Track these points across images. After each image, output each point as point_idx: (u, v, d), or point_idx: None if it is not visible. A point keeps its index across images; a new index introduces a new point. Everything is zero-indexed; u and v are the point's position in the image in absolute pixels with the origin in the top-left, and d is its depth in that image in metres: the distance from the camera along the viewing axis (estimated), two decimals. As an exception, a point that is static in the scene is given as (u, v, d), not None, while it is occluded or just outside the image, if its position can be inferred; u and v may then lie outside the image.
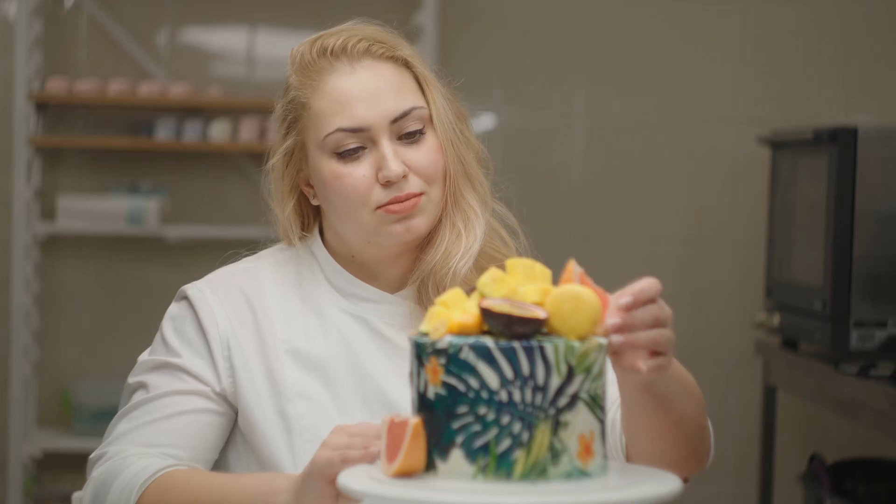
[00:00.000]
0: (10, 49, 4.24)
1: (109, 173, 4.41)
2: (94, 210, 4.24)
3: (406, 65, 1.81)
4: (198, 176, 4.42)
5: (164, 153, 4.40)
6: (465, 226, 1.80)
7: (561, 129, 4.49)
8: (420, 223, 1.78)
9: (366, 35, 1.80)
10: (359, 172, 1.76)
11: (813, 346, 3.69)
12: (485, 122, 4.45)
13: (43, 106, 4.30)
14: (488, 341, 1.36)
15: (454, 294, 1.43)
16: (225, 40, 4.47)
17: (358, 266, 1.84)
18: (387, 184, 1.76)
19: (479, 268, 1.80)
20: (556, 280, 1.44)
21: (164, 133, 4.29)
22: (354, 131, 1.76)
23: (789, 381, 3.87)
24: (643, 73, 4.47)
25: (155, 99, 4.24)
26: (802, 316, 3.68)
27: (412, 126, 1.78)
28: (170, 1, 4.41)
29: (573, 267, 1.43)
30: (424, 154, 1.78)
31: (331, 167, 1.77)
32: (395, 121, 1.77)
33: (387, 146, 1.76)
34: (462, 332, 1.39)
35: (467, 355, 1.35)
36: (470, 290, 1.45)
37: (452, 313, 1.40)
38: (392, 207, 1.76)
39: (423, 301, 1.81)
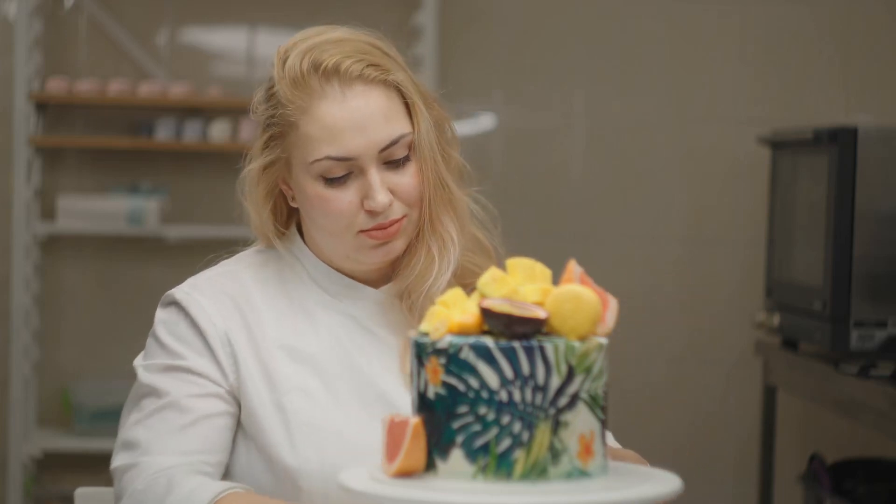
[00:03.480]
0: (10, 49, 4.24)
1: (109, 173, 4.41)
2: (94, 210, 4.24)
3: (396, 87, 1.79)
4: (198, 176, 4.42)
5: (164, 153, 4.40)
6: (440, 252, 1.80)
7: (561, 129, 4.49)
8: (399, 245, 1.80)
9: (360, 55, 1.78)
10: (345, 198, 1.76)
11: (813, 346, 3.69)
12: (485, 122, 4.45)
13: (43, 106, 4.30)
14: (488, 341, 1.36)
15: (454, 294, 1.43)
16: (225, 40, 4.47)
17: (337, 270, 1.85)
18: (372, 212, 1.76)
19: (462, 284, 1.81)
20: (556, 280, 1.44)
21: (164, 133, 4.29)
22: (343, 160, 1.75)
23: (789, 381, 3.87)
24: (643, 73, 4.47)
25: (155, 99, 4.24)
26: (802, 316, 3.68)
27: (399, 153, 1.77)
28: (170, 1, 4.41)
29: (573, 267, 1.43)
30: (408, 179, 1.78)
31: (316, 189, 1.77)
32: (384, 150, 1.76)
33: (374, 176, 1.76)
34: (462, 332, 1.39)
35: (467, 355, 1.35)
36: (470, 290, 1.45)
37: (452, 313, 1.40)
38: (375, 234, 1.77)
39: (405, 301, 1.82)
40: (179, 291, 1.82)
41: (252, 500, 1.65)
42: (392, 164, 1.78)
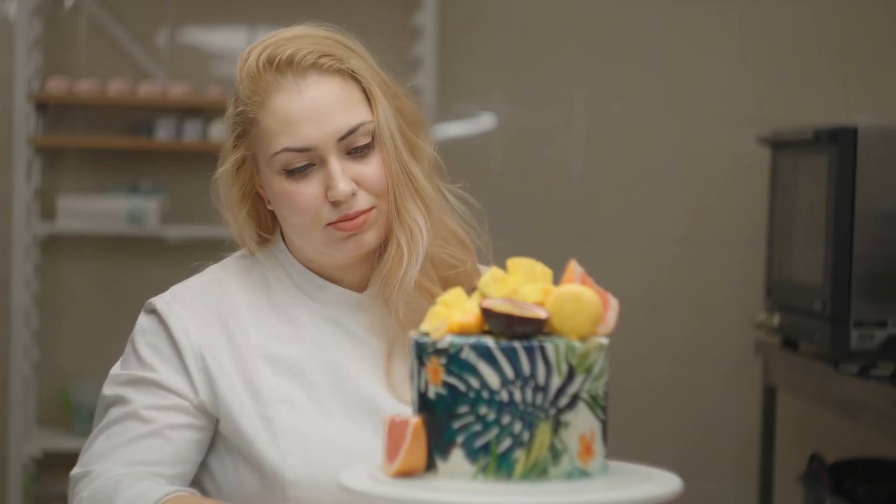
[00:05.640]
0: (10, 49, 4.24)
1: (109, 173, 4.41)
2: (94, 210, 4.24)
3: (353, 76, 1.78)
4: (198, 176, 4.40)
5: (164, 153, 4.40)
6: (409, 243, 1.78)
7: (561, 129, 4.49)
8: (370, 237, 1.78)
9: (314, 46, 1.77)
10: (308, 191, 1.75)
11: (813, 346, 3.69)
12: (485, 122, 4.45)
13: (43, 106, 4.30)
14: (489, 341, 1.36)
15: (455, 294, 1.43)
16: (225, 40, 4.47)
17: (318, 269, 1.83)
18: (336, 203, 1.75)
19: (441, 277, 1.81)
20: (556, 280, 1.44)
21: (164, 133, 4.29)
22: (301, 151, 1.74)
23: (789, 381, 3.87)
24: (643, 73, 4.47)
25: (155, 99, 4.24)
26: (802, 316, 3.68)
27: (360, 141, 1.76)
28: (170, 1, 4.41)
29: (574, 267, 1.43)
30: (373, 168, 1.76)
31: (281, 184, 1.76)
32: (342, 138, 1.75)
33: (335, 165, 1.74)
34: (463, 332, 1.39)
35: (468, 355, 1.35)
36: (471, 289, 1.45)
37: (453, 313, 1.40)
38: (342, 225, 1.75)
39: (381, 294, 1.81)
40: (161, 301, 1.82)
41: (196, 503, 1.66)
42: (355, 154, 1.76)
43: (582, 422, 1.37)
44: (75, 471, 1.75)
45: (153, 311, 1.81)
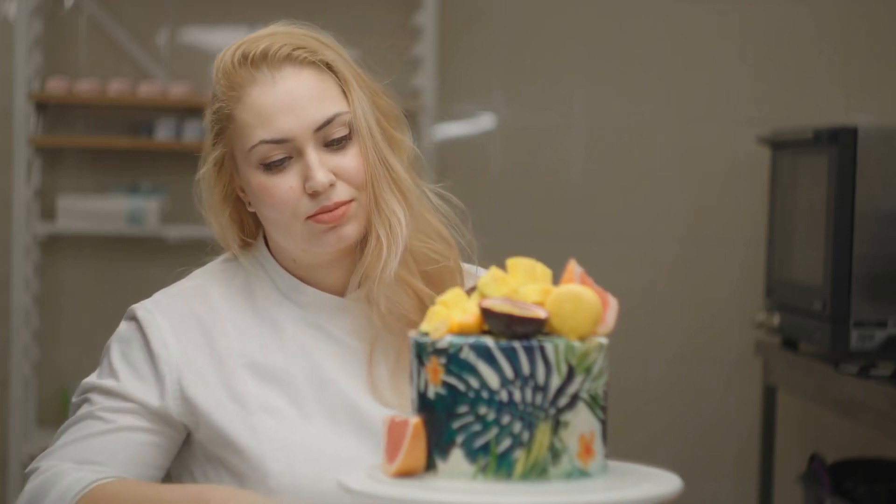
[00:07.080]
0: (10, 49, 4.24)
1: (109, 173, 4.41)
2: (94, 210, 4.24)
3: (328, 68, 1.78)
4: (198, 176, 4.42)
5: (164, 153, 4.40)
6: (388, 236, 1.77)
7: (561, 129, 4.49)
8: (351, 230, 1.77)
9: (288, 40, 1.78)
10: (286, 184, 1.74)
11: (813, 346, 3.69)
12: (485, 122, 4.45)
13: (43, 106, 4.30)
14: (489, 341, 1.36)
15: (454, 294, 1.43)
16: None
17: (301, 270, 1.83)
18: (314, 194, 1.74)
19: (423, 272, 1.80)
20: (556, 280, 1.44)
21: (164, 133, 4.29)
22: (278, 142, 1.74)
23: (789, 381, 3.87)
24: (643, 73, 4.47)
25: (155, 99, 4.24)
26: (802, 316, 3.68)
27: (337, 132, 1.76)
28: (170, 1, 4.41)
29: (574, 267, 1.43)
30: (352, 160, 1.76)
31: (258, 179, 1.76)
32: (319, 129, 1.75)
33: (312, 156, 1.74)
34: (462, 332, 1.39)
35: (468, 355, 1.36)
36: (470, 289, 1.45)
37: (453, 313, 1.40)
38: (321, 217, 1.75)
39: (362, 289, 1.80)
40: (142, 308, 1.81)
41: (124, 485, 1.67)
42: (333, 146, 1.76)
43: (582, 422, 1.37)
44: (28, 467, 1.75)
45: (133, 319, 1.81)
